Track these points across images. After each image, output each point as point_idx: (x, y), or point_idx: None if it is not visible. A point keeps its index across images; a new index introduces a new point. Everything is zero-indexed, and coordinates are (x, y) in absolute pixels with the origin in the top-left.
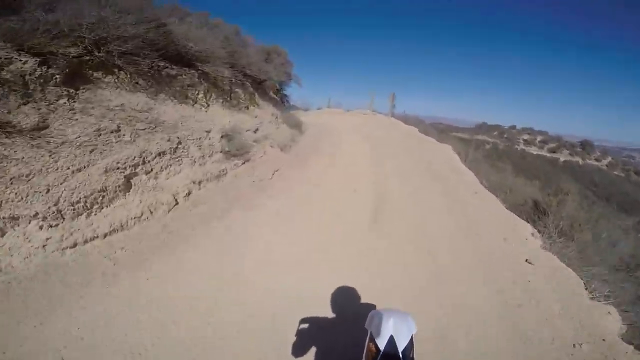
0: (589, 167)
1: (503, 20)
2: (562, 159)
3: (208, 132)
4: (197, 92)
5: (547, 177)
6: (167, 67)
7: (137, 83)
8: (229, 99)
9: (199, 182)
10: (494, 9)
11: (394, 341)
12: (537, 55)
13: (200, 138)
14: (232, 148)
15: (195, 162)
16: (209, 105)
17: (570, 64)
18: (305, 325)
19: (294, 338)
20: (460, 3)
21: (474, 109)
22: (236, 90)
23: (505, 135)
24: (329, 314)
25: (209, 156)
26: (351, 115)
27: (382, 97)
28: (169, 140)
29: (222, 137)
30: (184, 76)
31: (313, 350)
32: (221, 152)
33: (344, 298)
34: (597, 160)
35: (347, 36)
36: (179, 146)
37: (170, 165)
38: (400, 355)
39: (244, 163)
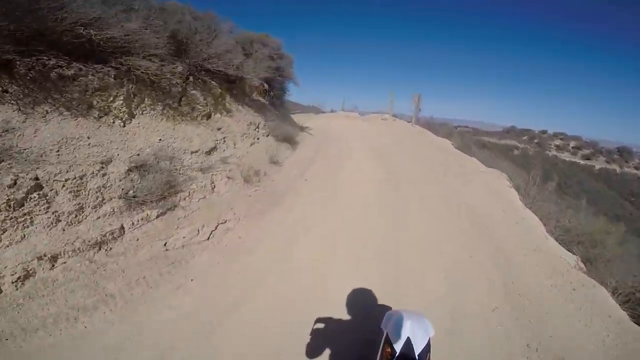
0: (627, 176)
1: (531, 19)
2: (597, 167)
3: (105, 163)
4: (111, 99)
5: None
6: (59, 66)
7: (5, 92)
8: (176, 104)
9: (54, 258)
10: (519, 8)
11: (411, 344)
12: (569, 57)
13: (83, 176)
14: (144, 189)
15: (59, 220)
16: (134, 117)
17: (605, 66)
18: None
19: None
20: (485, 3)
21: (500, 113)
22: (192, 92)
23: (535, 141)
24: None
25: (94, 207)
26: (366, 121)
27: (402, 98)
28: (12, 186)
29: (129, 170)
30: (90, 76)
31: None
32: (120, 197)
33: None
34: (636, 168)
35: (366, 36)
36: (33, 195)
37: (5, 229)
38: (417, 359)
39: (161, 214)
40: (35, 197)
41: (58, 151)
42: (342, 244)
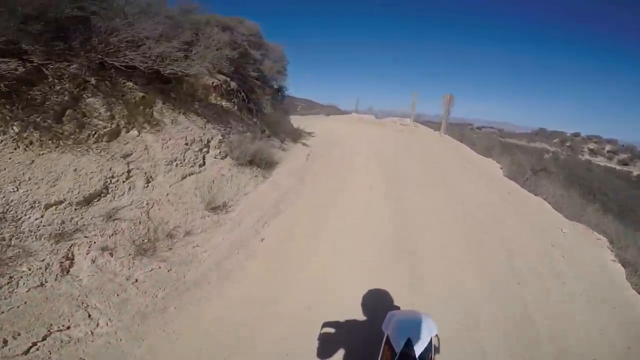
0: None
1: (556, 16)
2: (635, 173)
3: None
4: None
5: None
6: None
7: None
8: (51, 122)
9: None
10: (541, 6)
11: (411, 344)
12: (604, 57)
13: None
14: None
15: None
16: None
17: None
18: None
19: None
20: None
21: (527, 114)
22: (89, 100)
23: (567, 144)
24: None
25: None
26: (380, 126)
27: (423, 98)
28: None
29: None
30: None
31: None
32: None
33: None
34: None
35: (384, 33)
36: None
37: None
38: (417, 358)
39: None
40: None
41: None
42: None
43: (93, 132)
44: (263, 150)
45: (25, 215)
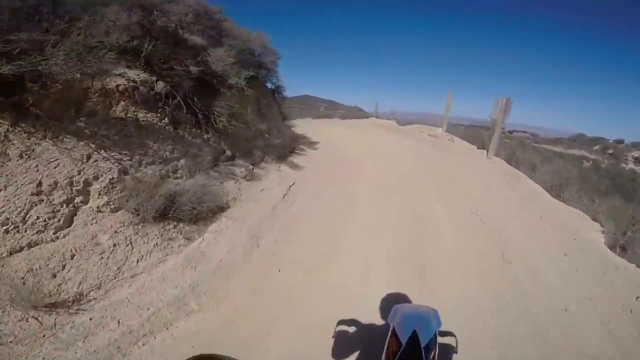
0: None
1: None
2: None
3: None
4: None
5: None
6: None
7: None
8: None
9: None
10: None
11: (417, 336)
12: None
13: None
14: None
15: None
16: None
17: None
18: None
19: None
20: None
21: (566, 118)
22: None
23: (609, 151)
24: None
25: None
26: (404, 137)
27: (460, 98)
28: None
29: None
30: None
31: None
32: None
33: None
34: None
35: (414, 32)
36: None
37: None
38: (422, 351)
39: None
40: None
41: None
42: None
43: None
44: (197, 188)
45: None
